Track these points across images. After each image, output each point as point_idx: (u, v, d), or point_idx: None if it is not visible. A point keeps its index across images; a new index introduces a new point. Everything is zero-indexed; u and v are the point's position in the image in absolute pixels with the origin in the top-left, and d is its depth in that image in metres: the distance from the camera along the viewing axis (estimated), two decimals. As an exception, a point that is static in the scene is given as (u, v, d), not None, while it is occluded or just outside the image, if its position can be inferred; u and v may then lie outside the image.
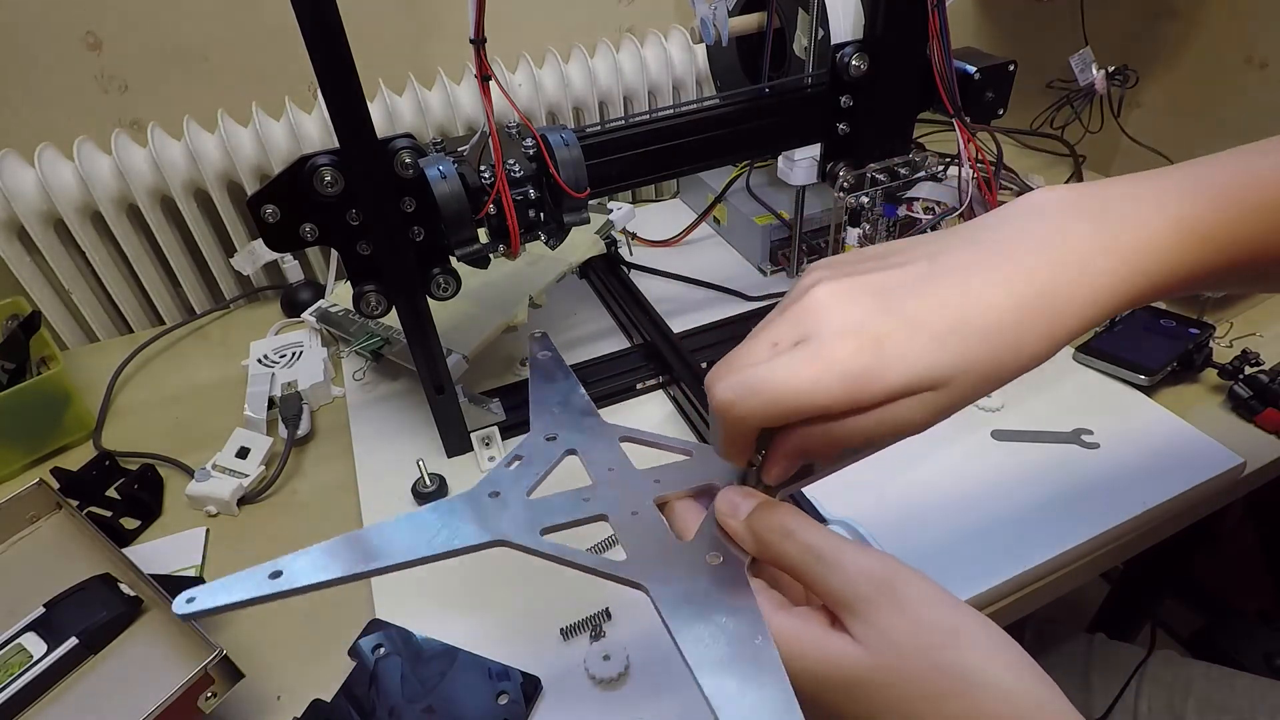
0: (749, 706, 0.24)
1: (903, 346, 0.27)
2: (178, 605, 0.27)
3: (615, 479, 0.35)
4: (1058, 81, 0.94)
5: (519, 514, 0.33)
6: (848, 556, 0.27)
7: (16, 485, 0.56)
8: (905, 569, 0.27)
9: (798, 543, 0.28)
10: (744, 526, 0.30)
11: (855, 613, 0.26)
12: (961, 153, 0.60)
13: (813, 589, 0.28)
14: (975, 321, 0.27)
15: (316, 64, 0.42)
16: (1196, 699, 0.62)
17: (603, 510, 0.33)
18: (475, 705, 0.45)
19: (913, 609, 0.25)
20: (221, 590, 0.28)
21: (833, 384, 0.26)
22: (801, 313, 0.29)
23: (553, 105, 0.92)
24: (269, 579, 0.28)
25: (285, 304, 0.85)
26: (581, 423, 0.39)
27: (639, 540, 0.32)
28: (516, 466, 0.36)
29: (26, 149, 0.77)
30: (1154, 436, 0.59)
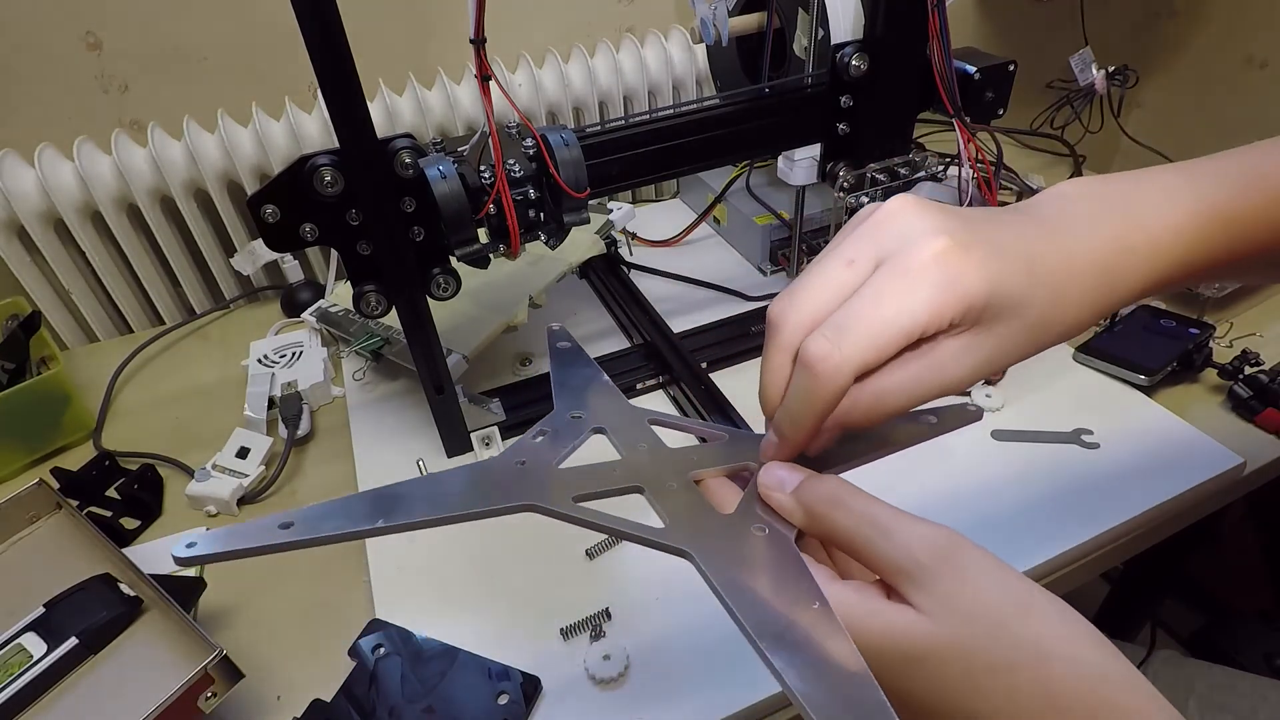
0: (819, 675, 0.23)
1: (984, 258, 0.27)
2: (176, 550, 0.26)
3: (647, 455, 0.34)
4: (1058, 81, 0.94)
5: (549, 482, 0.31)
6: (905, 524, 0.26)
7: (16, 485, 0.56)
8: (965, 539, 0.25)
9: (851, 511, 0.27)
10: (791, 499, 0.28)
11: (916, 582, 0.25)
12: (961, 153, 0.60)
13: (868, 559, 0.26)
14: (1037, 264, 0.28)
15: (316, 64, 0.42)
16: (1197, 698, 0.62)
17: (638, 482, 0.32)
18: (475, 705, 0.45)
19: (976, 578, 0.24)
20: (225, 537, 0.27)
21: (926, 293, 0.26)
22: (876, 227, 0.28)
23: (553, 105, 0.92)
24: (278, 529, 0.27)
25: (285, 304, 0.85)
26: (608, 405, 0.37)
27: (678, 511, 0.30)
28: (542, 440, 0.34)
29: (26, 149, 0.77)
30: (1154, 436, 0.59)
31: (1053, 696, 0.23)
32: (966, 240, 0.27)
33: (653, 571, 0.52)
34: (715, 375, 0.67)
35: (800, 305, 0.28)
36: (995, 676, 0.23)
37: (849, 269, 0.28)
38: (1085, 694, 0.23)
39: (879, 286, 0.26)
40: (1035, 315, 0.28)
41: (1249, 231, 0.31)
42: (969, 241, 0.27)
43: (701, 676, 0.46)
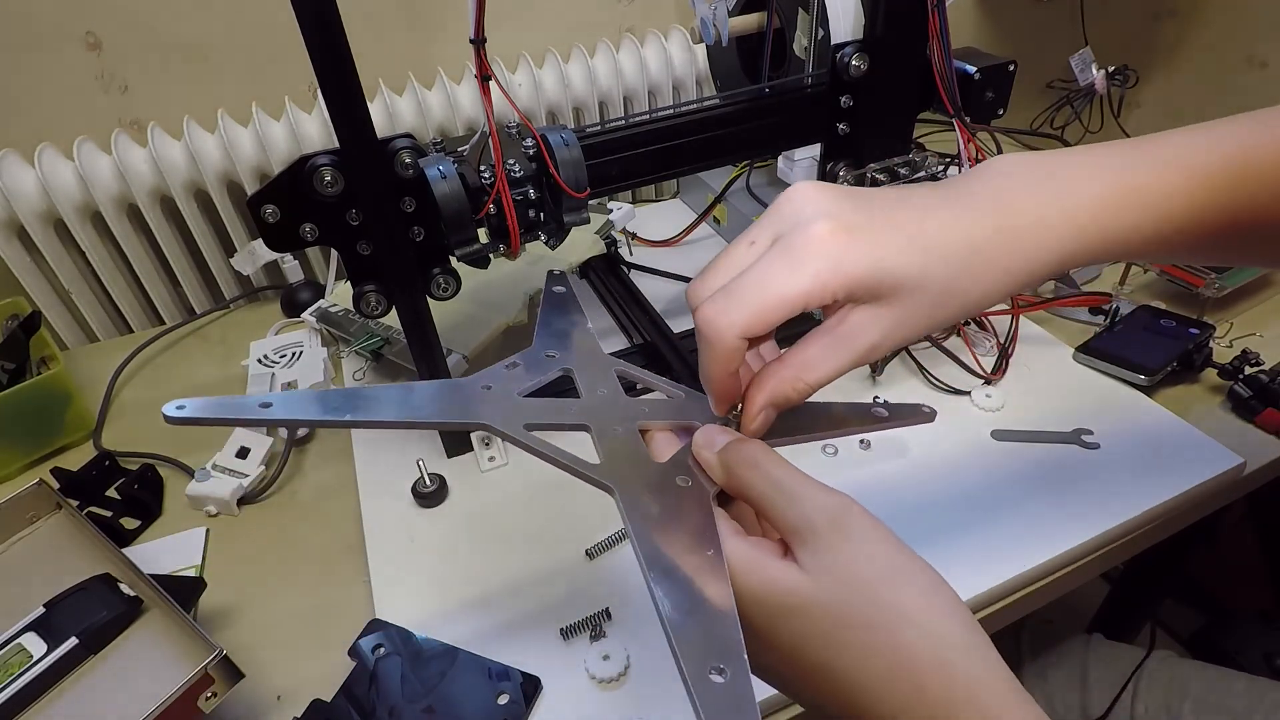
0: (691, 609, 0.26)
1: (871, 242, 0.29)
2: (167, 409, 0.28)
3: (604, 399, 0.36)
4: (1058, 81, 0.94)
5: (507, 407, 0.34)
6: (807, 490, 0.28)
7: (16, 485, 0.56)
8: (860, 510, 0.28)
9: (763, 474, 0.29)
10: (715, 457, 0.31)
11: (805, 543, 0.27)
12: (961, 153, 0.60)
13: (771, 519, 0.29)
14: (934, 240, 0.30)
15: (316, 64, 0.42)
16: (1193, 700, 0.62)
17: (586, 421, 0.34)
18: (475, 705, 0.45)
19: (859, 544, 0.26)
20: (214, 406, 0.29)
21: (808, 271, 0.28)
22: (777, 211, 0.31)
23: (553, 105, 0.92)
24: (259, 407, 0.30)
25: (285, 304, 0.85)
26: (582, 350, 0.40)
27: (615, 452, 0.33)
28: (513, 370, 0.37)
29: (26, 149, 0.77)
30: (1154, 436, 0.59)
31: (901, 658, 0.25)
32: (854, 222, 0.29)
33: (653, 571, 0.52)
34: (715, 375, 0.66)
35: (707, 282, 0.32)
36: (854, 634, 0.25)
37: (750, 249, 0.31)
38: (929, 658, 0.25)
39: (766, 262, 0.30)
40: (934, 290, 0.30)
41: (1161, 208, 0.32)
42: (856, 224, 0.29)
43: (701, 676, 0.46)
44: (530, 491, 0.59)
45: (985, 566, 0.51)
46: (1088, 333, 0.69)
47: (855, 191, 0.31)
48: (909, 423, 0.39)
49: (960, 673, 0.25)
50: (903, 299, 0.29)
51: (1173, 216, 0.32)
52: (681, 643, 0.24)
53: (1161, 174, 0.32)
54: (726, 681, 0.23)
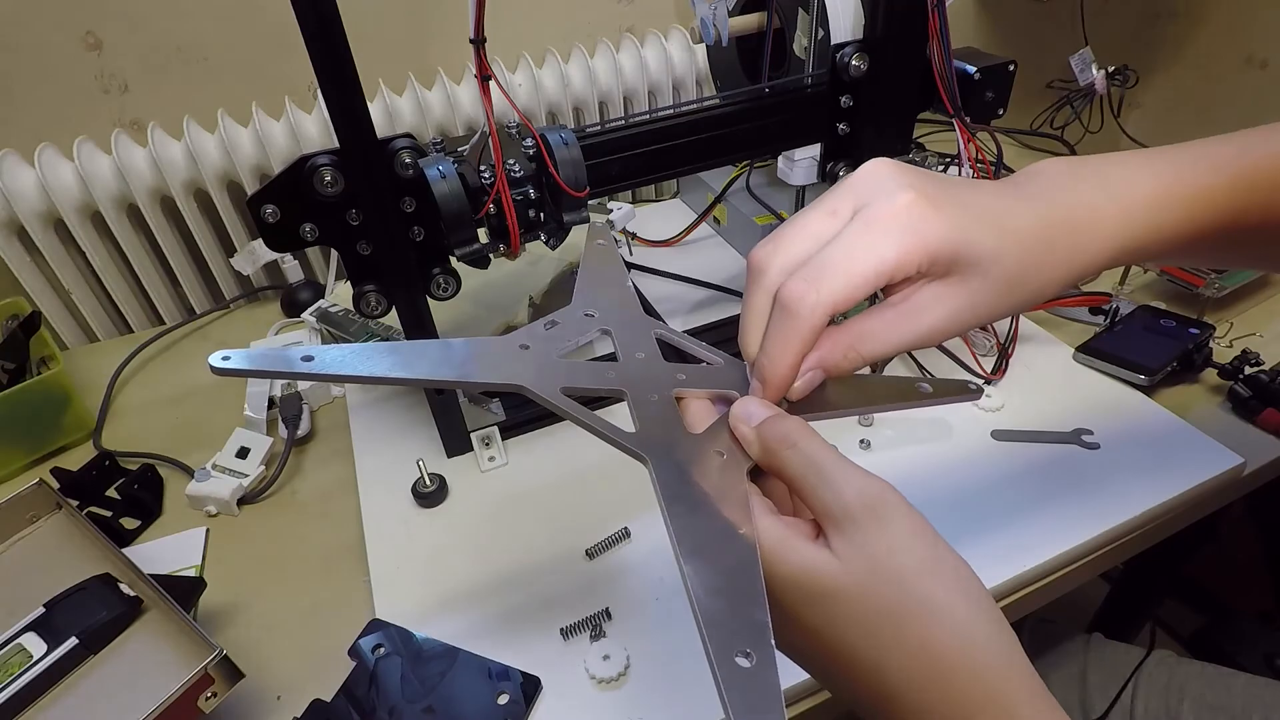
0: (720, 592, 0.25)
1: (950, 214, 0.29)
2: (213, 359, 0.28)
3: (641, 364, 0.35)
4: (1058, 81, 0.94)
5: (544, 369, 0.33)
6: (846, 474, 0.27)
7: (16, 485, 0.56)
8: (897, 497, 0.27)
9: (800, 453, 0.28)
10: (753, 432, 0.30)
11: (840, 528, 0.26)
12: (961, 153, 0.60)
13: (806, 501, 0.28)
14: (1009, 222, 0.30)
15: (316, 64, 0.42)
16: (1192, 699, 0.61)
17: (623, 387, 0.34)
18: (475, 705, 0.45)
19: (894, 533, 0.26)
20: (258, 358, 0.29)
21: (893, 240, 0.28)
22: (857, 181, 0.31)
23: (553, 105, 0.92)
24: (301, 360, 0.29)
25: (285, 304, 0.85)
26: (621, 309, 0.39)
27: (650, 420, 0.32)
28: (552, 330, 0.36)
29: (26, 149, 0.77)
30: (1154, 436, 0.59)
31: (929, 651, 0.25)
32: (935, 195, 0.29)
33: (653, 571, 0.52)
34: (715, 375, 0.66)
35: (783, 250, 0.30)
36: (883, 622, 0.25)
37: (830, 219, 0.30)
38: (957, 653, 0.25)
39: (852, 233, 0.29)
40: (1006, 271, 0.30)
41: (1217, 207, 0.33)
42: (937, 197, 0.29)
43: (701, 676, 0.46)
44: (530, 491, 0.59)
45: (985, 566, 0.50)
46: (1088, 333, 0.69)
47: (928, 172, 0.31)
48: (954, 399, 0.37)
49: (987, 670, 0.25)
50: (975, 278, 0.29)
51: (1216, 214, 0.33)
52: (709, 624, 0.24)
53: (1203, 174, 0.33)
54: (752, 666, 0.23)
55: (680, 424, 0.32)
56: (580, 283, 0.40)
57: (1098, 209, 0.32)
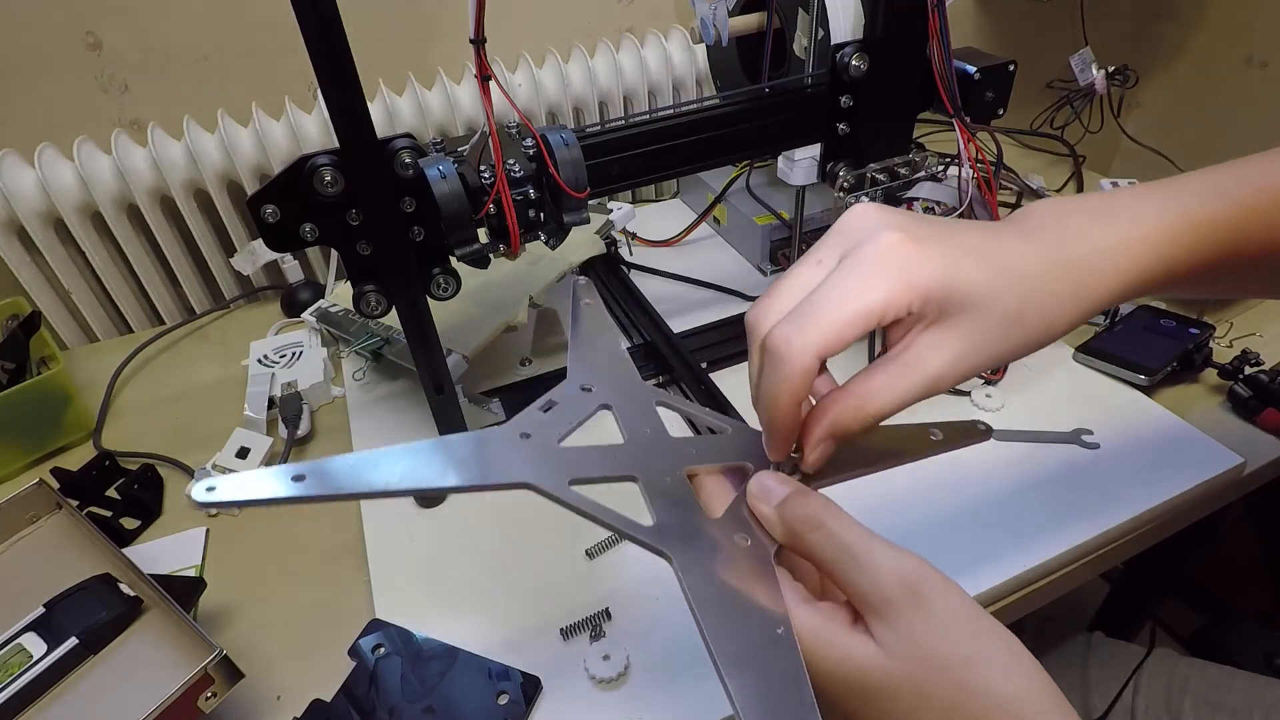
0: (768, 702, 0.24)
1: (940, 253, 0.28)
2: (196, 492, 0.26)
3: (648, 441, 0.34)
4: (1058, 81, 0.94)
5: (548, 460, 0.32)
6: (879, 556, 0.26)
7: (16, 485, 0.56)
8: (936, 575, 0.26)
9: (829, 536, 0.27)
10: (775, 513, 0.29)
11: (881, 616, 0.26)
12: (961, 153, 0.60)
13: (840, 585, 0.27)
14: (1003, 259, 0.29)
15: (316, 64, 0.42)
16: (1193, 697, 0.62)
17: (634, 471, 0.32)
18: (475, 705, 0.45)
19: (939, 618, 0.25)
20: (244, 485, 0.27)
21: (880, 283, 0.27)
22: (840, 230, 0.30)
23: (553, 105, 0.92)
24: (291, 480, 0.28)
25: (285, 304, 0.85)
26: (618, 379, 0.37)
27: (667, 507, 0.31)
28: (550, 412, 0.35)
29: (26, 149, 0.77)
30: (1154, 436, 0.59)
31: None
32: (922, 235, 0.28)
33: (652, 571, 0.52)
34: (715, 375, 0.67)
35: (774, 305, 0.30)
36: (935, 713, 0.24)
37: (817, 267, 0.30)
38: None
39: (837, 276, 0.28)
40: (1004, 308, 0.29)
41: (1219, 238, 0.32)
42: (925, 236, 0.29)
43: (701, 676, 0.46)
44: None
45: (985, 566, 0.51)
46: (1088, 333, 0.69)
47: (916, 214, 0.31)
48: (965, 442, 0.37)
49: None
50: (971, 318, 0.28)
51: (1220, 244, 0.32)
52: None
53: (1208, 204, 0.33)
54: None
55: (697, 508, 0.31)
56: (573, 352, 0.39)
57: (1101, 244, 0.31)
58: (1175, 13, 1.30)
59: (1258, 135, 1.25)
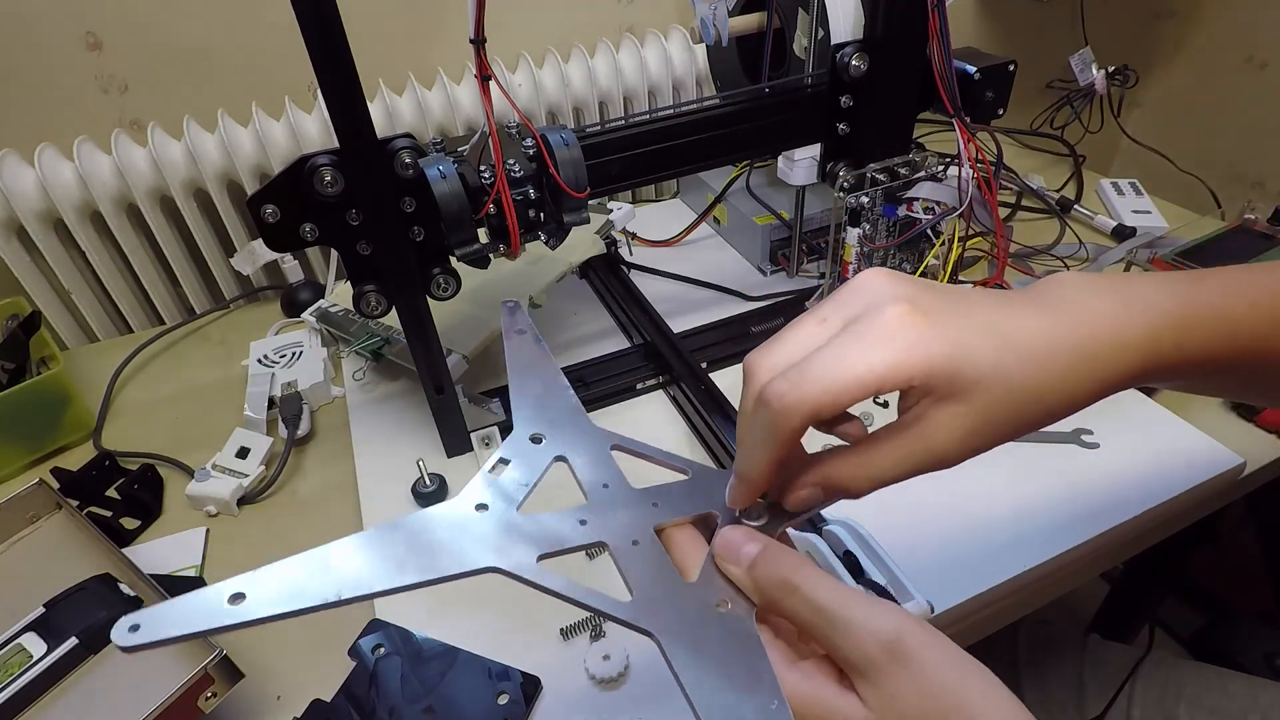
0: None
1: (946, 324, 0.28)
2: (118, 635, 0.24)
3: (610, 498, 0.33)
4: (1058, 81, 0.94)
5: (510, 534, 0.30)
6: (855, 616, 0.27)
7: (16, 485, 0.56)
8: (915, 628, 0.26)
9: (804, 600, 0.27)
10: (747, 577, 0.29)
11: (864, 676, 0.26)
12: (961, 153, 0.60)
13: (823, 646, 0.28)
14: (1012, 334, 0.28)
15: (316, 64, 0.42)
16: (1188, 701, 0.62)
17: (602, 537, 0.31)
18: (475, 705, 0.45)
19: (921, 675, 0.25)
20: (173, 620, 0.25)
21: (884, 354, 0.27)
22: (851, 292, 0.29)
23: (553, 105, 0.92)
24: (227, 603, 0.26)
25: (285, 304, 0.85)
26: (568, 420, 0.36)
27: (643, 577, 0.30)
28: (503, 474, 0.33)
29: (26, 149, 0.77)
30: (1154, 436, 0.59)
31: None
32: (931, 307, 0.28)
33: (653, 571, 0.52)
34: (715, 375, 0.67)
35: (772, 355, 0.29)
36: None
37: (821, 326, 0.29)
38: None
39: (841, 340, 0.28)
40: (1015, 386, 0.28)
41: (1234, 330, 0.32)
42: (934, 308, 0.28)
43: (701, 676, 0.46)
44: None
45: (985, 566, 0.51)
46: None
47: (929, 282, 0.30)
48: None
49: None
50: (984, 395, 0.28)
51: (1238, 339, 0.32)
52: None
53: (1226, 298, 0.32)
54: None
55: (673, 572, 0.30)
56: (514, 395, 0.36)
57: (1119, 326, 0.30)
58: (1175, 12, 1.30)
59: (1258, 135, 1.25)
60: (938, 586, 0.47)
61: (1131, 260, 0.76)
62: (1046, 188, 0.94)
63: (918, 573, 0.43)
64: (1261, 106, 1.24)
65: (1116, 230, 0.87)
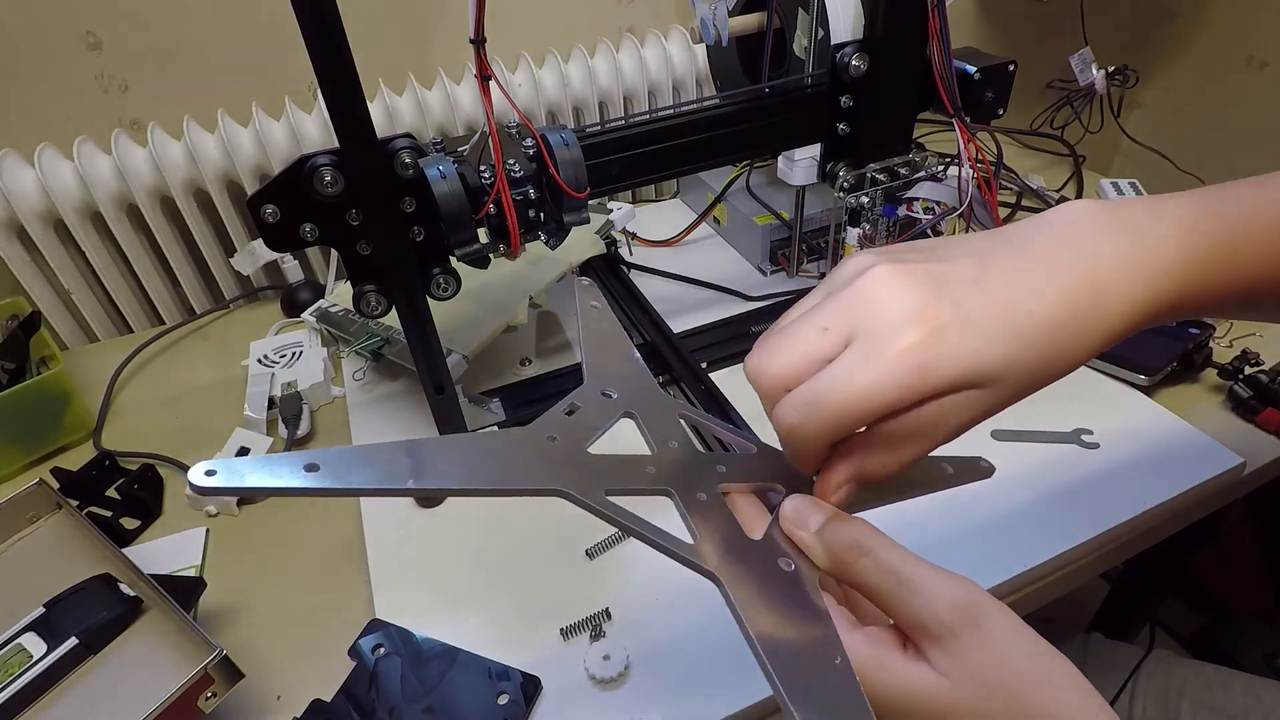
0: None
1: (959, 342, 0.27)
2: (195, 477, 0.24)
3: (677, 455, 0.33)
4: (1058, 81, 0.94)
5: (579, 467, 0.30)
6: (930, 580, 0.26)
7: (16, 485, 0.56)
8: (988, 598, 0.26)
9: (876, 562, 0.27)
10: (816, 540, 0.29)
11: (937, 641, 0.25)
12: (961, 153, 0.60)
13: (891, 612, 0.27)
14: (1024, 325, 0.28)
15: (316, 64, 0.42)
16: (1190, 700, 0.62)
17: (668, 485, 0.31)
18: (475, 705, 0.45)
19: (998, 644, 0.25)
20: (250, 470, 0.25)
21: (894, 380, 0.27)
22: (854, 298, 0.28)
23: (553, 105, 0.92)
24: (304, 470, 0.26)
25: (285, 304, 0.85)
26: (638, 386, 0.36)
27: (707, 527, 0.30)
28: (574, 415, 0.33)
29: (26, 149, 0.77)
30: (1154, 436, 0.59)
31: None
32: (940, 320, 0.27)
33: (653, 572, 0.52)
34: (715, 375, 0.66)
35: (776, 362, 0.29)
36: None
37: (823, 336, 0.28)
38: None
39: (846, 368, 0.27)
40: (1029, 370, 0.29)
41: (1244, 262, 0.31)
42: (943, 321, 0.27)
43: (701, 676, 0.46)
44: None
45: (985, 566, 0.51)
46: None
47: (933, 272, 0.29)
48: (970, 479, 0.37)
49: None
50: (998, 384, 0.28)
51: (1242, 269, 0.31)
52: None
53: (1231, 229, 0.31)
54: None
55: (737, 528, 0.30)
56: (587, 355, 0.37)
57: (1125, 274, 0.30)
58: (1175, 12, 1.30)
59: (1258, 135, 1.25)
60: (938, 586, 0.47)
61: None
62: (1046, 188, 0.94)
63: (918, 573, 0.43)
64: (1261, 106, 1.23)
65: (1116, 230, 0.86)
